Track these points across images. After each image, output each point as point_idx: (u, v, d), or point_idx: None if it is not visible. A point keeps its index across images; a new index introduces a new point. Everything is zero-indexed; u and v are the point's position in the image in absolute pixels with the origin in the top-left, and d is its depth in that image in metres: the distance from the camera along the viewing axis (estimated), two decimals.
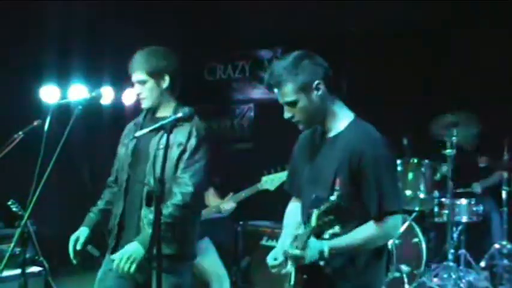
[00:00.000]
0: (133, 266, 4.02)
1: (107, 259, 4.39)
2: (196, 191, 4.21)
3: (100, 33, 8.96)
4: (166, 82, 4.35)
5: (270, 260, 3.54)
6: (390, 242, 6.33)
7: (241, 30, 9.93)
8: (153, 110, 4.47)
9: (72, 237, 4.40)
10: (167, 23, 9.85)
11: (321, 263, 3.31)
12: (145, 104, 4.38)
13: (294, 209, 3.82)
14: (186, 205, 4.14)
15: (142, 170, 4.26)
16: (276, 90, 3.50)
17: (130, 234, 4.25)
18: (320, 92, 3.42)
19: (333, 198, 3.19)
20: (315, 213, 3.21)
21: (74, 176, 9.35)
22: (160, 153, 4.14)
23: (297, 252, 3.23)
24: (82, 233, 4.41)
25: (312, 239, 3.25)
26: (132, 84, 4.45)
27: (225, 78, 10.92)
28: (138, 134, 3.86)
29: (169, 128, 3.77)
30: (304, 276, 3.36)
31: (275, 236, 7.17)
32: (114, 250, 4.32)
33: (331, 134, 3.51)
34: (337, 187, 3.26)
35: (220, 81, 10.96)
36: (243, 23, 9.80)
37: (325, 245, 3.26)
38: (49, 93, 8.09)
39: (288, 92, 3.43)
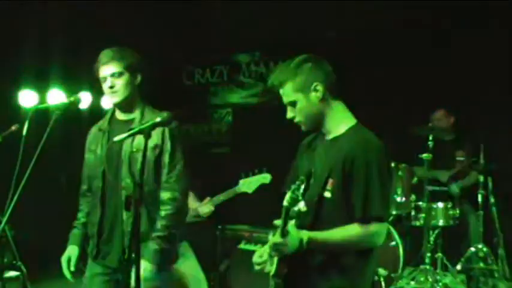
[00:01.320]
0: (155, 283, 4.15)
1: (90, 265, 4.41)
2: (184, 195, 4.26)
3: (78, 37, 8.95)
4: (138, 80, 4.31)
5: (255, 257, 3.61)
6: None
7: (219, 35, 9.95)
8: (114, 112, 4.43)
9: (64, 258, 4.39)
10: (146, 27, 9.85)
11: (301, 254, 3.36)
12: (117, 98, 4.26)
13: None
14: (178, 211, 4.21)
15: (116, 175, 4.23)
16: (280, 91, 3.59)
17: (113, 240, 4.27)
18: (318, 94, 3.50)
19: (302, 178, 3.35)
20: (287, 194, 3.33)
21: (51, 181, 9.31)
22: (136, 156, 4.15)
23: (278, 239, 3.31)
24: (72, 252, 4.40)
25: (293, 228, 3.33)
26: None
27: (203, 82, 10.93)
28: (117, 138, 3.80)
29: (147, 132, 3.73)
30: (285, 269, 3.42)
31: (254, 240, 7.20)
32: (96, 257, 4.34)
33: (330, 137, 3.59)
34: (329, 187, 3.39)
35: (199, 86, 10.97)
36: (221, 27, 9.82)
37: (305, 234, 3.33)
38: (27, 98, 8.05)
39: (287, 92, 3.54)
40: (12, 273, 6.20)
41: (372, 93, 8.31)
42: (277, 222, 3.43)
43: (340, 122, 3.58)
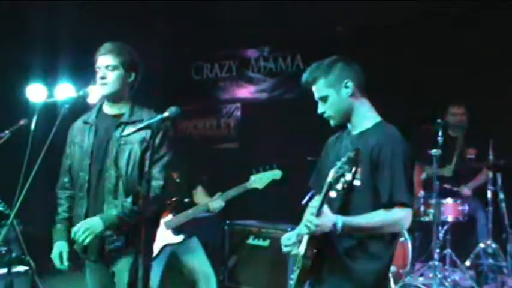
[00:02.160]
0: (88, 239, 4.10)
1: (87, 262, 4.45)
2: (165, 184, 4.28)
3: (87, 32, 8.94)
4: (132, 77, 4.35)
5: (284, 239, 3.82)
6: None
7: (228, 30, 9.94)
8: (101, 106, 4.47)
9: (55, 255, 4.40)
10: (155, 22, 9.84)
11: (332, 237, 3.55)
12: (106, 90, 4.30)
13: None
14: (158, 198, 4.23)
15: (102, 167, 4.27)
16: (313, 87, 3.82)
17: None
18: (349, 90, 3.75)
19: (350, 154, 3.47)
20: (331, 171, 3.49)
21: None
22: (123, 148, 4.21)
23: (312, 218, 3.43)
24: (62, 248, 4.40)
25: (328, 211, 3.49)
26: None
27: (212, 77, 10.93)
28: (126, 133, 3.87)
29: (156, 126, 3.78)
30: (314, 250, 3.57)
31: (262, 235, 7.22)
32: (85, 252, 4.34)
33: (356, 131, 3.84)
34: (357, 175, 3.56)
35: (207, 81, 10.97)
36: (230, 22, 9.81)
37: (339, 219, 3.49)
38: (36, 92, 8.06)
39: (320, 87, 3.78)
40: (20, 268, 6.21)
41: (381, 88, 8.26)
42: (314, 202, 3.67)
43: (366, 117, 3.83)
